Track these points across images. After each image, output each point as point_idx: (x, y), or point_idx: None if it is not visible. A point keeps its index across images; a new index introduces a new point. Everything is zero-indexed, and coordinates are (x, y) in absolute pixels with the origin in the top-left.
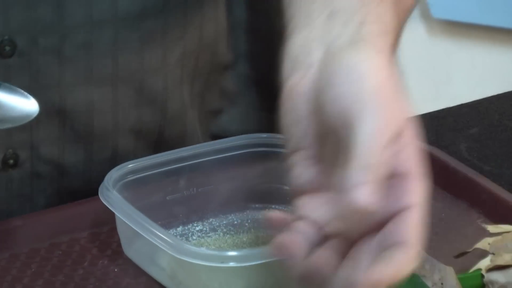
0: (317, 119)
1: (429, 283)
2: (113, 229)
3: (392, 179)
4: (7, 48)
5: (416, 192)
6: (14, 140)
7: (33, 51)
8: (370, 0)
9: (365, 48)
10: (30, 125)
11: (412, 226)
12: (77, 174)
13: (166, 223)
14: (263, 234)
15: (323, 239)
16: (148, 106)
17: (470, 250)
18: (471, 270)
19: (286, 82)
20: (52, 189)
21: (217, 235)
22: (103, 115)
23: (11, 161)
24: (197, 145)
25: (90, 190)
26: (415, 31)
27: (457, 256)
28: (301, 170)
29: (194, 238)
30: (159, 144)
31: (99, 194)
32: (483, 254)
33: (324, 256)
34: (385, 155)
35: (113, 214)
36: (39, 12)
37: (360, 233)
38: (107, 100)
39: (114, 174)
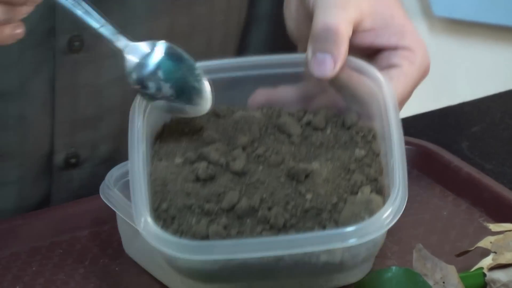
0: (308, 20)
1: (430, 282)
2: (114, 227)
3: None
4: (76, 43)
5: (405, 58)
6: (77, 139)
7: (98, 46)
8: None
9: None
10: (93, 123)
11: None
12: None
13: None
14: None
15: None
16: None
17: (472, 248)
18: (473, 269)
19: None
20: None
21: None
22: None
23: (73, 161)
24: None
25: None
26: (417, 29)
27: (459, 255)
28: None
29: None
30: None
31: (100, 193)
32: (485, 252)
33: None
34: (344, 32)
35: (114, 212)
36: (104, 6)
37: None
38: None
39: (115, 173)
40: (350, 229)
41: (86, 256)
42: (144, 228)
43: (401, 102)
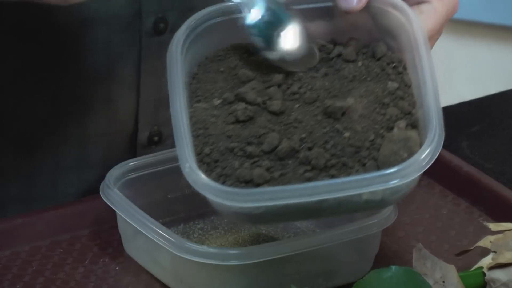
0: None
1: (430, 281)
2: (114, 227)
3: None
4: (161, 25)
5: None
6: (160, 117)
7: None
8: None
9: None
10: None
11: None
12: None
13: (167, 221)
14: (265, 232)
15: None
16: None
17: (472, 248)
18: (472, 268)
19: None
20: None
21: (218, 233)
22: None
23: (156, 138)
24: None
25: None
26: None
27: (459, 254)
28: None
29: (195, 236)
30: None
31: (100, 192)
32: (484, 252)
33: None
34: None
35: (114, 212)
36: None
37: None
38: None
39: (115, 172)
40: (391, 171)
41: (86, 255)
42: (189, 175)
43: (432, 38)
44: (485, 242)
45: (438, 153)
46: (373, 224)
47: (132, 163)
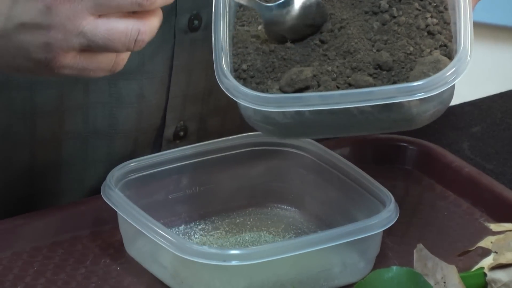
0: None
1: (431, 282)
2: (115, 227)
3: None
4: (195, 22)
5: None
6: (187, 112)
7: None
8: None
9: None
10: (202, 98)
11: None
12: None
13: (168, 222)
14: (265, 233)
15: None
16: None
17: (473, 248)
18: (473, 269)
19: None
20: None
21: (219, 234)
22: None
23: (181, 133)
24: (199, 143)
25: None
26: None
27: (460, 255)
28: None
29: (197, 236)
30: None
31: (101, 193)
32: (485, 252)
33: None
34: None
35: (115, 212)
36: None
37: None
38: None
39: (116, 173)
40: (416, 83)
41: (87, 256)
42: (224, 83)
43: None
44: (486, 242)
45: (463, 73)
46: (374, 225)
47: (133, 163)
